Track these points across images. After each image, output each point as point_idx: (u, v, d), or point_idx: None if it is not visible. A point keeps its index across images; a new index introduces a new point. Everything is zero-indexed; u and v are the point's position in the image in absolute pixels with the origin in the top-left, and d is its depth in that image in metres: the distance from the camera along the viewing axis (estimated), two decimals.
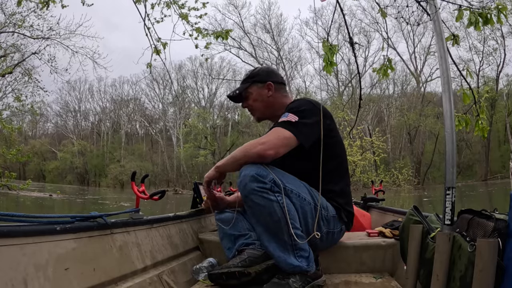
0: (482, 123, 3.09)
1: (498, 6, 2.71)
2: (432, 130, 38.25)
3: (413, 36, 40.41)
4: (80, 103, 59.43)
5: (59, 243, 1.30)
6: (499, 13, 2.69)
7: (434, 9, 1.69)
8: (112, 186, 48.18)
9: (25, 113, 26.79)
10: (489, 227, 1.19)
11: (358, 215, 2.83)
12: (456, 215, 1.38)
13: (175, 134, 49.95)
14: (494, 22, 2.72)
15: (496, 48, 34.58)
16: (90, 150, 55.72)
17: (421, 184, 35.49)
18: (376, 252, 2.08)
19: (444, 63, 1.49)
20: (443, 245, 1.31)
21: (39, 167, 55.59)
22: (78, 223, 1.43)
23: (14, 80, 19.89)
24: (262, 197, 1.65)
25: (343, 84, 43.68)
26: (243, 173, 1.70)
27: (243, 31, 42.81)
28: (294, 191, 1.76)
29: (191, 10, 5.36)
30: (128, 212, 1.88)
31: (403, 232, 1.72)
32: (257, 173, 1.67)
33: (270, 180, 1.68)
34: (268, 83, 2.14)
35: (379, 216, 3.22)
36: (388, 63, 3.30)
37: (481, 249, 1.11)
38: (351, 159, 27.07)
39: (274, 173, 1.71)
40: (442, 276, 1.29)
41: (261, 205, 1.66)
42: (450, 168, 1.37)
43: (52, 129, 62.90)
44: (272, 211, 1.66)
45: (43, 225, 1.27)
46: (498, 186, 23.31)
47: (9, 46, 18.98)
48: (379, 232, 2.22)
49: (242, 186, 1.69)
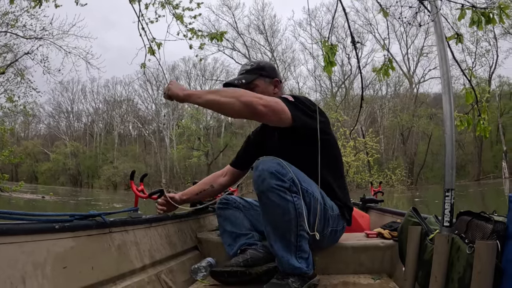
0: (483, 123, 3.08)
1: (500, 5, 2.71)
2: (425, 131, 38.50)
3: (406, 37, 40.62)
4: (73, 104, 59.10)
5: (57, 241, 1.29)
6: (501, 12, 2.69)
7: (435, 9, 1.65)
8: (105, 187, 47.92)
9: (17, 114, 26.59)
10: (487, 229, 1.19)
11: (357, 216, 2.83)
12: (455, 217, 1.37)
13: (168, 135, 49.83)
14: (497, 22, 2.72)
15: (489, 50, 34.84)
16: (83, 151, 55.34)
17: (414, 184, 35.66)
18: (374, 253, 2.07)
19: (445, 65, 1.48)
20: (442, 247, 1.30)
21: (31, 168, 55.14)
22: (77, 221, 1.43)
23: (7, 80, 19.73)
24: (279, 195, 1.63)
25: (336, 85, 43.81)
26: (261, 167, 1.66)
27: (236, 32, 42.80)
28: (309, 190, 1.76)
29: (186, 10, 5.37)
30: (127, 211, 1.88)
31: (402, 234, 1.71)
32: (277, 170, 1.64)
33: (289, 179, 1.65)
34: (276, 80, 2.11)
35: (377, 217, 3.22)
36: (389, 63, 3.29)
37: (479, 251, 1.11)
38: (344, 159, 27.17)
39: (293, 172, 1.69)
40: (441, 278, 1.29)
41: (276, 204, 1.63)
42: (450, 170, 1.37)
43: (44, 130, 62.51)
44: (286, 211, 1.64)
45: (41, 224, 1.27)
46: (490, 186, 23.53)
47: (2, 46, 18.86)
48: (378, 233, 2.21)
49: (260, 181, 1.65)
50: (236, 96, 1.70)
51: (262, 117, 1.74)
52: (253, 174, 1.69)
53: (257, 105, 1.68)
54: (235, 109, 1.70)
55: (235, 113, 1.73)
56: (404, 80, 42.47)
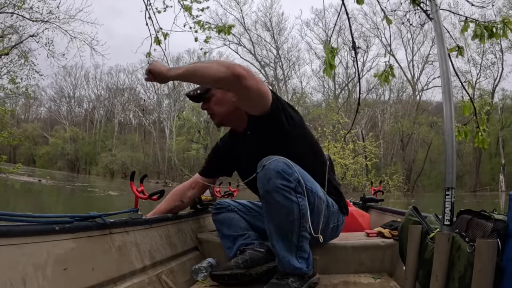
0: (482, 135, 3.07)
1: (504, 20, 2.71)
2: (425, 139, 38.52)
3: (413, 44, 40.64)
4: (75, 89, 59.07)
5: (58, 243, 1.29)
6: (505, 27, 2.69)
7: (435, 7, 1.65)
8: (102, 174, 48.01)
9: (18, 96, 26.55)
10: (488, 227, 1.19)
11: (357, 215, 2.84)
12: (455, 216, 1.38)
13: (169, 126, 49.83)
14: (500, 36, 2.72)
15: (494, 62, 34.94)
16: (82, 137, 55.37)
17: (411, 191, 35.68)
18: (375, 253, 2.08)
19: (445, 64, 1.48)
20: (442, 246, 1.31)
21: (29, 151, 55.11)
22: (77, 223, 1.42)
23: (10, 61, 19.70)
24: (284, 196, 1.61)
25: (340, 87, 43.82)
26: (267, 166, 1.63)
27: (243, 27, 42.72)
28: (313, 190, 1.76)
29: (194, 2, 5.35)
30: (127, 212, 1.87)
31: (402, 233, 1.72)
32: (283, 169, 1.62)
33: (295, 179, 1.64)
34: None
35: (378, 217, 3.23)
36: (389, 69, 3.30)
37: (480, 249, 1.11)
38: (342, 162, 27.20)
39: (298, 172, 1.67)
40: (441, 277, 1.29)
41: (280, 204, 1.62)
42: (450, 168, 1.37)
43: (45, 114, 62.57)
44: (290, 212, 1.63)
45: (42, 225, 1.26)
46: (486, 198, 23.56)
47: (7, 27, 18.81)
48: (378, 232, 2.22)
49: (265, 180, 1.63)
50: (224, 66, 1.62)
51: (248, 90, 1.66)
52: (258, 172, 1.67)
53: (243, 76, 1.61)
54: (219, 72, 1.61)
55: (216, 77, 1.62)
56: (407, 86, 42.53)
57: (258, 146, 1.90)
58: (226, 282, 1.87)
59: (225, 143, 2.28)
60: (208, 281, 1.97)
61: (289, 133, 1.86)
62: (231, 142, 2.22)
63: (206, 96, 2.00)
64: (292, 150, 1.83)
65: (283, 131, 1.86)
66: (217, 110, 2.01)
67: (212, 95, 1.99)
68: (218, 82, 1.66)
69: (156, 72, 1.74)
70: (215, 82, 1.67)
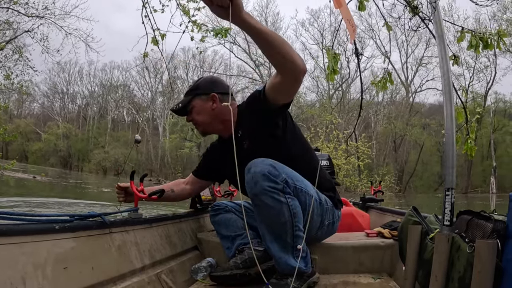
0: (471, 143, 3.12)
1: (499, 32, 2.79)
2: (418, 140, 38.71)
3: (407, 46, 40.75)
4: (69, 85, 58.44)
5: (57, 242, 1.29)
6: (500, 39, 2.76)
7: (436, 11, 1.66)
8: (95, 171, 47.70)
9: (12, 92, 26.34)
10: (488, 228, 1.19)
11: (357, 215, 2.85)
12: (455, 216, 1.38)
13: (162, 124, 49.60)
14: (494, 47, 2.80)
15: (488, 66, 35.18)
16: (75, 134, 54.87)
17: (403, 192, 35.85)
18: (374, 253, 2.08)
19: (445, 65, 1.48)
20: (442, 246, 1.30)
21: (22, 147, 54.42)
22: (77, 222, 1.43)
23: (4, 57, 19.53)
24: (272, 198, 1.61)
25: (333, 87, 43.82)
26: (253, 169, 1.63)
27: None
28: (304, 189, 1.75)
29: (190, 1, 5.34)
30: (127, 211, 1.87)
31: (402, 233, 1.72)
32: (270, 171, 1.62)
33: (282, 180, 1.64)
34: (212, 95, 2.02)
35: (378, 217, 3.23)
36: (388, 76, 3.32)
37: (480, 250, 1.11)
38: (335, 162, 27.24)
39: (286, 172, 1.68)
40: (441, 277, 1.29)
41: (270, 206, 1.62)
42: (450, 169, 1.37)
43: (38, 110, 61.80)
44: (281, 213, 1.63)
45: (42, 224, 1.27)
46: (477, 200, 23.79)
47: (3, 23, 18.66)
48: (378, 232, 2.22)
49: (252, 183, 1.63)
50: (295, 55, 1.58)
51: (301, 81, 1.69)
52: (246, 176, 1.66)
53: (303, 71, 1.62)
54: (296, 56, 1.57)
55: (292, 58, 1.56)
56: (401, 88, 42.60)
57: (250, 152, 1.85)
58: (226, 283, 1.89)
59: (214, 148, 2.30)
60: (207, 280, 1.98)
61: (282, 131, 1.87)
62: (221, 148, 2.22)
63: (188, 109, 2.05)
64: (284, 151, 1.86)
65: (278, 127, 1.87)
66: (199, 119, 2.05)
67: (193, 107, 2.03)
68: (288, 63, 1.57)
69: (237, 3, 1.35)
70: (286, 60, 1.57)
